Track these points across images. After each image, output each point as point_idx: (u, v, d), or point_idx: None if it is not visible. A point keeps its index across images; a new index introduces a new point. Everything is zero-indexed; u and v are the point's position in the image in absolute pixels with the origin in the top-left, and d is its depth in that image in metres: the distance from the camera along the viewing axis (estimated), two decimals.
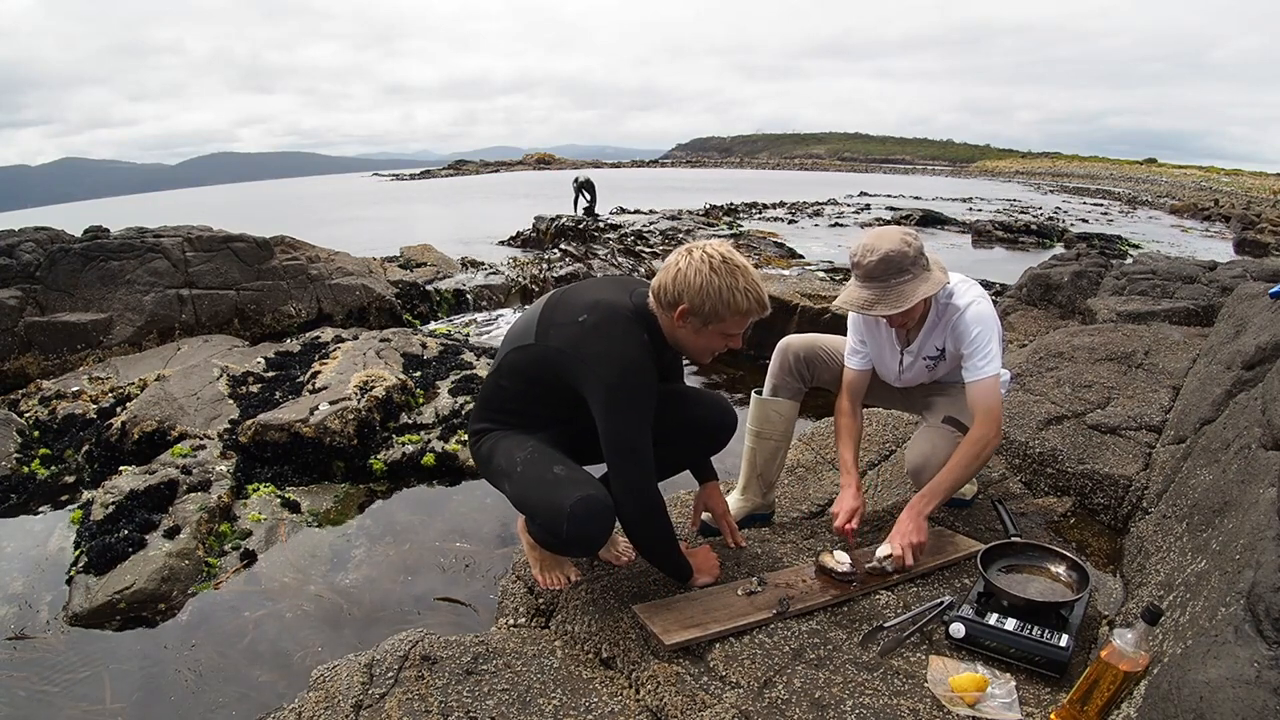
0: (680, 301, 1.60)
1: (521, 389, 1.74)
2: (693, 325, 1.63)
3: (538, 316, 1.70)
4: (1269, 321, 2.28)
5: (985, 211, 18.30)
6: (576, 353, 1.60)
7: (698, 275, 1.57)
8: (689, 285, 1.58)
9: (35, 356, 5.17)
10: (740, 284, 1.59)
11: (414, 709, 1.43)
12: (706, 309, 1.59)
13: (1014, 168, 62.49)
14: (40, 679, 2.12)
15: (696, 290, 1.58)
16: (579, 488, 1.58)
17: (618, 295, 1.69)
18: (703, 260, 1.59)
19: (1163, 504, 1.95)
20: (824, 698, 1.44)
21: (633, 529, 1.71)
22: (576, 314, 1.63)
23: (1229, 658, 1.02)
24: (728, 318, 1.61)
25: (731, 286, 1.58)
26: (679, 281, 1.59)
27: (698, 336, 1.65)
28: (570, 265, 8.63)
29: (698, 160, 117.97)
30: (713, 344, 1.67)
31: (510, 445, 1.74)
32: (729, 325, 1.63)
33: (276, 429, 3.51)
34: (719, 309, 1.59)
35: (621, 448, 1.60)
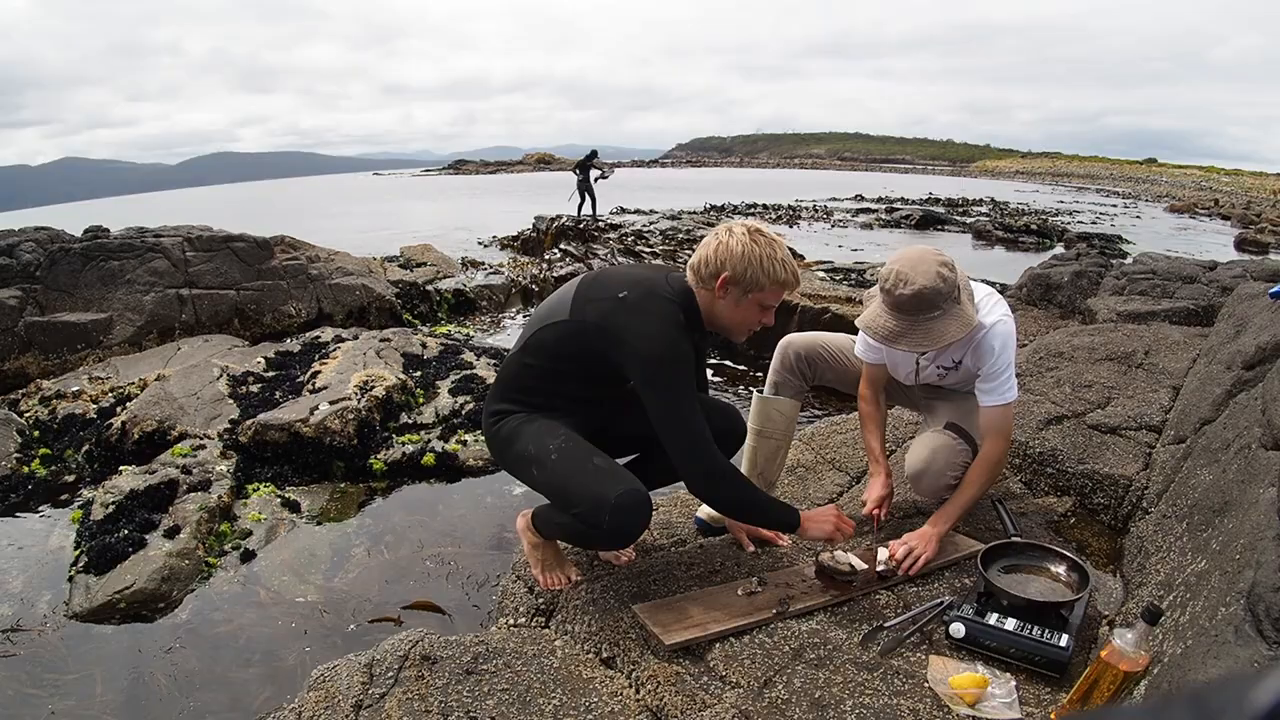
0: (722, 270, 1.64)
1: (549, 367, 1.73)
2: (733, 296, 1.67)
3: (572, 294, 1.71)
4: (1269, 321, 2.28)
5: (1006, 210, 18.32)
6: (616, 328, 1.62)
7: (739, 245, 1.64)
8: (731, 254, 1.64)
9: (35, 356, 5.17)
10: (778, 255, 1.66)
11: (414, 709, 1.43)
12: (748, 277, 1.64)
13: (1014, 167, 62.52)
14: (38, 678, 2.12)
15: (739, 258, 1.63)
16: (621, 480, 1.62)
17: (655, 276, 1.74)
18: (743, 233, 1.66)
19: (1163, 504, 1.95)
20: (824, 698, 1.44)
21: (713, 498, 1.75)
22: (615, 290, 1.66)
23: (1229, 658, 1.02)
24: (767, 287, 1.66)
25: (771, 256, 1.64)
26: (721, 252, 1.65)
27: (737, 309, 1.69)
28: (570, 265, 8.63)
29: (698, 160, 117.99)
30: (750, 317, 1.71)
31: (538, 431, 1.72)
32: (767, 295, 1.68)
33: (276, 429, 3.51)
34: (759, 277, 1.64)
35: (675, 421, 1.61)
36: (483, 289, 7.67)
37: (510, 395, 1.80)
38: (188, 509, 2.93)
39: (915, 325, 1.77)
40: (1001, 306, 1.91)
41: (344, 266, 7.07)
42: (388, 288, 6.99)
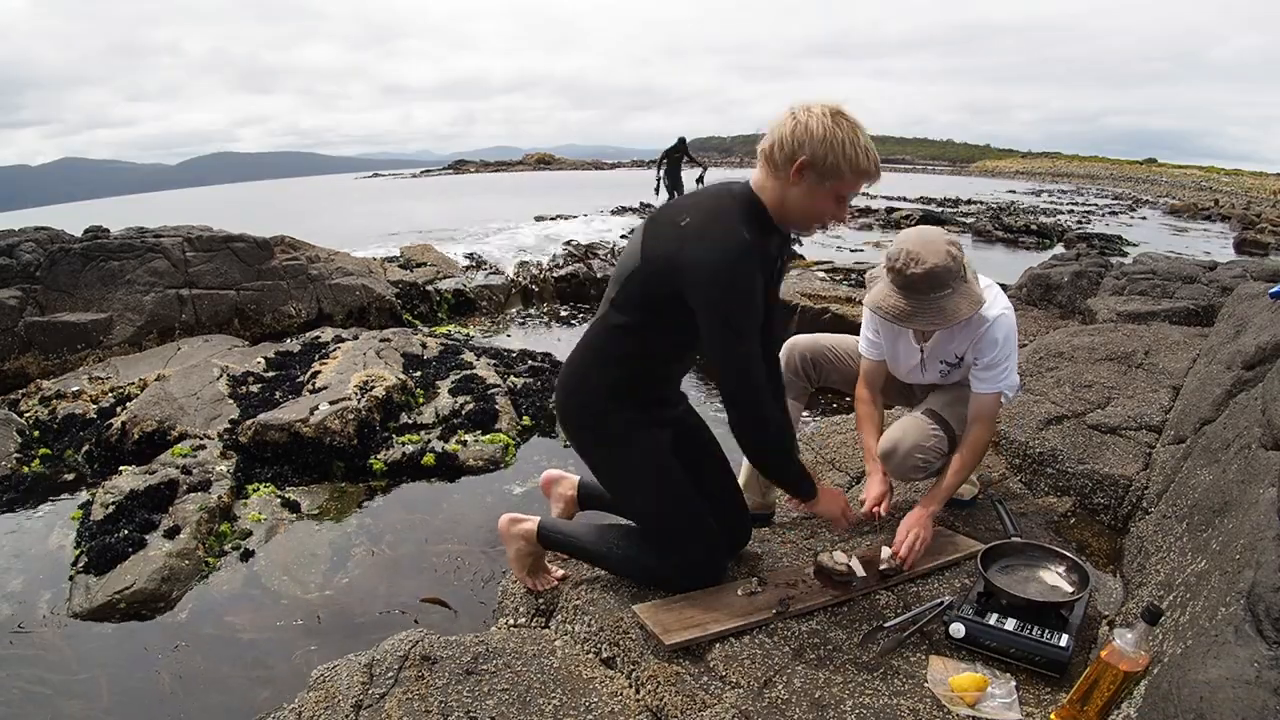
0: (799, 153, 1.49)
1: (640, 320, 1.63)
2: (809, 182, 1.52)
3: (641, 237, 1.60)
4: (1269, 321, 2.28)
5: (1018, 208, 18.33)
6: (678, 259, 1.51)
7: (820, 125, 1.48)
8: (811, 135, 1.48)
9: (35, 356, 5.17)
10: (861, 140, 1.50)
11: (414, 709, 1.43)
12: (828, 161, 1.49)
13: (1014, 167, 62.54)
14: (38, 678, 2.12)
15: (820, 139, 1.48)
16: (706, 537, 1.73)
17: (718, 190, 1.61)
18: (824, 113, 1.50)
19: (1163, 504, 1.95)
20: (824, 698, 1.44)
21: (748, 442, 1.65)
22: (677, 218, 1.55)
23: (1229, 658, 1.02)
24: (846, 175, 1.51)
25: (854, 141, 1.49)
26: (799, 132, 1.49)
27: (812, 197, 1.54)
28: (570, 265, 8.63)
29: (698, 160, 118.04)
30: (825, 208, 1.57)
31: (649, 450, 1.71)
32: (845, 185, 1.53)
33: (276, 429, 3.51)
34: (839, 163, 1.49)
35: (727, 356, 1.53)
36: (483, 289, 7.66)
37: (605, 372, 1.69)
38: (188, 509, 2.93)
39: (926, 304, 1.75)
40: (1002, 298, 1.92)
41: (344, 267, 7.07)
42: (388, 288, 6.98)
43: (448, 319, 7.16)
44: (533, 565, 1.91)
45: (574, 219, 14.96)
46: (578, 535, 1.85)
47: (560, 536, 1.86)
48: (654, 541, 1.73)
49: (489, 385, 4.32)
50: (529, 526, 1.86)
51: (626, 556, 1.78)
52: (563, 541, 1.86)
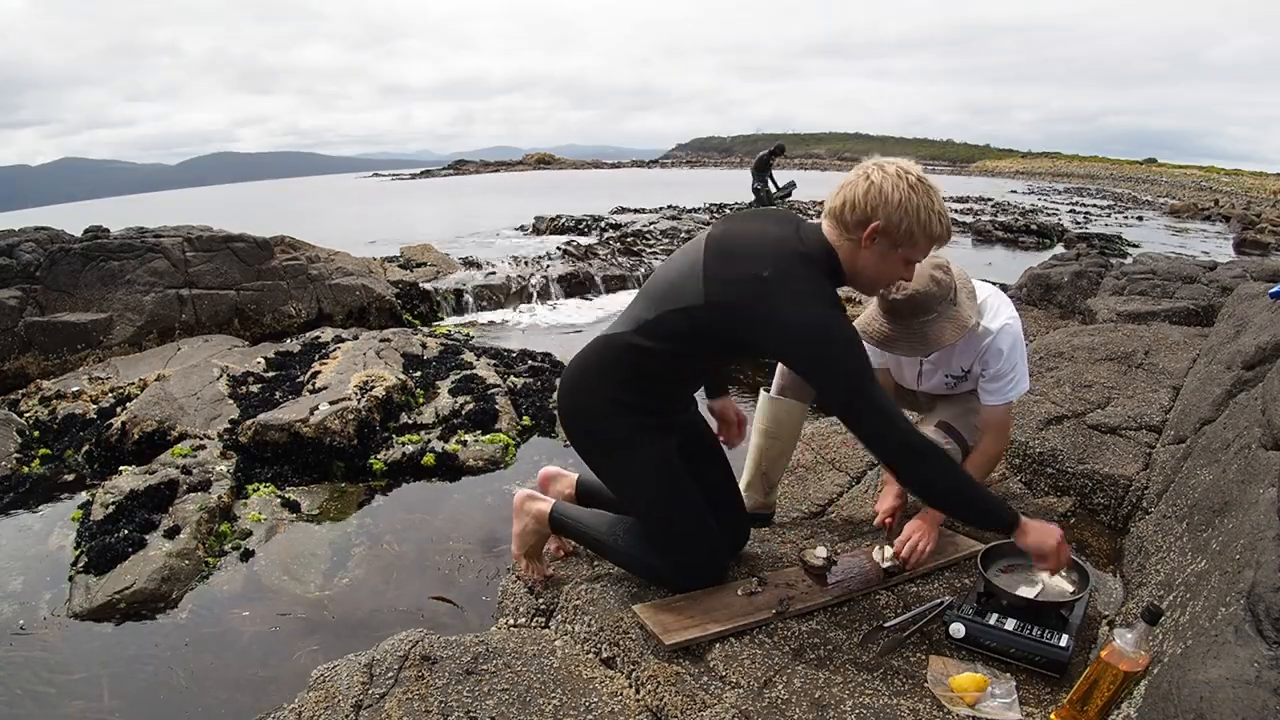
0: (873, 219, 1.44)
1: (672, 351, 1.58)
2: (880, 248, 1.47)
3: (702, 270, 1.51)
4: (1269, 321, 2.28)
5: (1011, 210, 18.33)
6: (768, 316, 1.44)
7: (895, 191, 1.43)
8: (886, 201, 1.43)
9: (35, 356, 5.17)
10: (936, 206, 1.46)
11: (414, 709, 1.43)
12: (902, 229, 1.44)
13: (1014, 167, 62.54)
14: (39, 678, 2.12)
15: (895, 207, 1.43)
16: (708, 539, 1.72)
17: (789, 236, 1.52)
18: (899, 176, 1.44)
19: (1163, 504, 1.95)
20: (824, 698, 1.44)
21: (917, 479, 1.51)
22: (755, 267, 1.46)
23: (1229, 658, 1.02)
24: (920, 241, 1.47)
25: (929, 208, 1.45)
26: (872, 196, 1.44)
27: (882, 262, 1.50)
28: (570, 265, 8.63)
29: (698, 160, 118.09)
30: (894, 272, 1.53)
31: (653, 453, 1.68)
32: (917, 251, 1.49)
33: (276, 429, 3.51)
34: (913, 230, 1.44)
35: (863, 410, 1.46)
36: (483, 289, 7.67)
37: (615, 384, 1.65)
38: (188, 509, 2.93)
39: (909, 330, 1.75)
40: (1008, 307, 1.90)
41: (344, 266, 7.08)
42: (388, 288, 6.99)
43: (448, 318, 7.16)
44: (531, 548, 1.90)
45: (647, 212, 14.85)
46: (587, 523, 1.85)
47: (570, 522, 1.86)
48: (656, 542, 1.74)
49: (489, 385, 4.32)
50: (542, 507, 1.86)
51: (630, 552, 1.78)
52: (571, 527, 1.86)
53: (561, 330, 7.00)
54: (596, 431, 1.73)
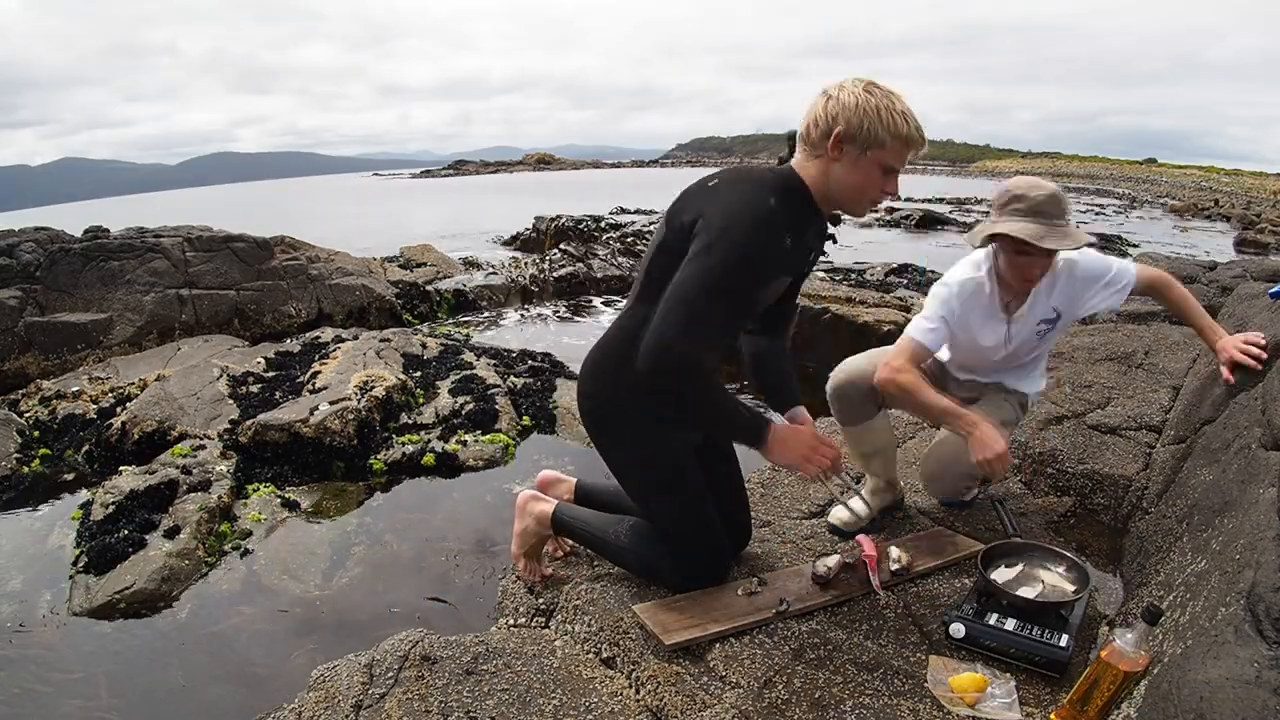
0: (834, 126, 1.45)
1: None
2: (850, 156, 1.47)
3: (666, 212, 1.59)
4: (1269, 321, 2.27)
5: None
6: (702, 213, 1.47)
7: (852, 97, 1.44)
8: (844, 106, 1.44)
9: (35, 356, 5.17)
10: (898, 106, 1.45)
11: (414, 709, 1.43)
12: (865, 129, 1.44)
13: (1014, 168, 62.60)
14: (38, 677, 2.12)
15: (853, 109, 1.43)
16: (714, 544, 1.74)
17: (758, 166, 1.61)
18: (855, 83, 1.47)
19: (1163, 504, 1.95)
20: (824, 698, 1.44)
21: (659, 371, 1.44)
22: (702, 182, 1.56)
23: (1229, 658, 1.02)
24: (888, 143, 1.45)
25: (889, 107, 1.44)
26: (831, 106, 1.46)
27: (855, 171, 1.48)
28: (570, 265, 8.63)
29: (698, 160, 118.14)
30: (871, 181, 1.50)
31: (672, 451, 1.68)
32: (889, 154, 1.47)
33: (276, 429, 3.51)
34: (878, 131, 1.44)
35: (684, 297, 1.41)
36: (483, 289, 7.67)
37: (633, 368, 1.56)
38: (188, 509, 2.93)
39: (1054, 227, 1.75)
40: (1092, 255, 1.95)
41: (344, 267, 7.08)
42: (388, 288, 6.99)
43: (448, 319, 7.16)
44: (531, 548, 1.91)
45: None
46: (589, 523, 1.85)
47: (572, 522, 1.86)
48: (662, 540, 1.73)
49: (489, 385, 4.32)
50: (545, 509, 1.87)
51: (632, 550, 1.78)
52: (573, 528, 1.86)
53: (561, 330, 7.00)
54: (618, 426, 1.71)
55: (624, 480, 1.80)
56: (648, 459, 1.71)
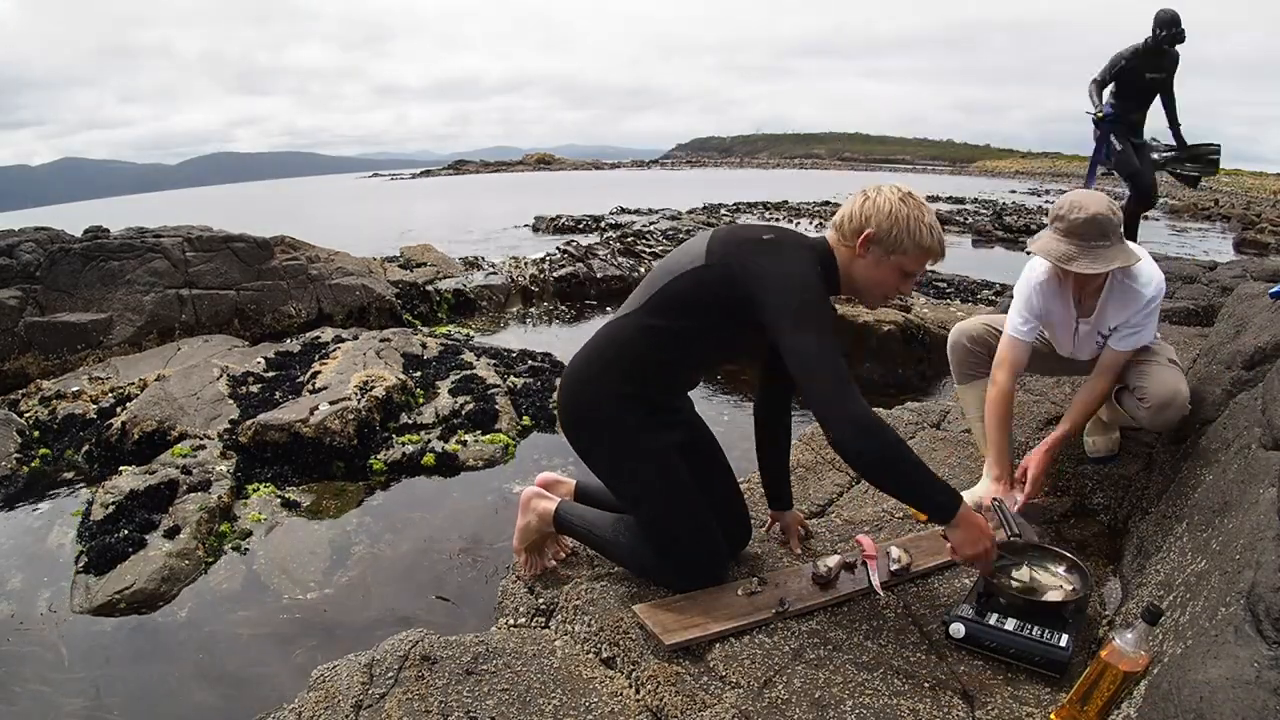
0: (866, 227, 1.58)
1: (678, 326, 1.64)
2: (874, 255, 1.60)
3: (706, 243, 1.64)
4: (1269, 321, 2.27)
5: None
6: (760, 267, 1.54)
7: (887, 203, 1.58)
8: (878, 210, 1.57)
9: (35, 356, 5.17)
10: (926, 219, 1.59)
11: (414, 709, 1.43)
12: (893, 235, 1.57)
13: (1014, 167, 62.60)
14: (39, 676, 2.12)
15: (885, 215, 1.57)
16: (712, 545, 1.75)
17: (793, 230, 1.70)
18: (891, 191, 1.60)
19: (1163, 504, 1.95)
20: (824, 698, 1.44)
21: (861, 454, 1.47)
22: (757, 233, 1.62)
23: (1229, 658, 1.02)
24: (910, 251, 1.59)
25: (919, 219, 1.58)
26: (867, 208, 1.59)
27: (877, 269, 1.61)
28: (570, 265, 8.63)
29: (698, 160, 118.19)
30: (889, 280, 1.63)
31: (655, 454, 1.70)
32: (909, 261, 1.60)
33: (276, 429, 3.51)
34: (903, 239, 1.57)
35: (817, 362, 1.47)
36: (483, 289, 7.67)
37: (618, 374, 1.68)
38: (188, 509, 2.93)
39: (1086, 250, 1.84)
40: (1153, 267, 1.99)
41: (344, 267, 7.08)
42: (388, 288, 6.99)
43: (448, 319, 7.16)
44: (533, 544, 1.91)
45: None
46: (591, 522, 1.85)
47: (575, 521, 1.86)
48: (654, 541, 1.74)
49: (489, 385, 4.32)
50: (548, 506, 1.87)
51: (632, 550, 1.78)
52: (575, 526, 1.86)
53: (561, 330, 7.00)
54: (599, 431, 1.73)
55: (613, 487, 1.82)
56: (633, 465, 1.71)
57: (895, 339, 5.03)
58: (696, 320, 1.63)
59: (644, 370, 1.69)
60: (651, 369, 1.70)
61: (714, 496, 1.83)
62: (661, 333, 1.65)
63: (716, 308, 1.60)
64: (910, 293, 1.71)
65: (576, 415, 1.76)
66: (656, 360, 1.69)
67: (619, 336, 1.70)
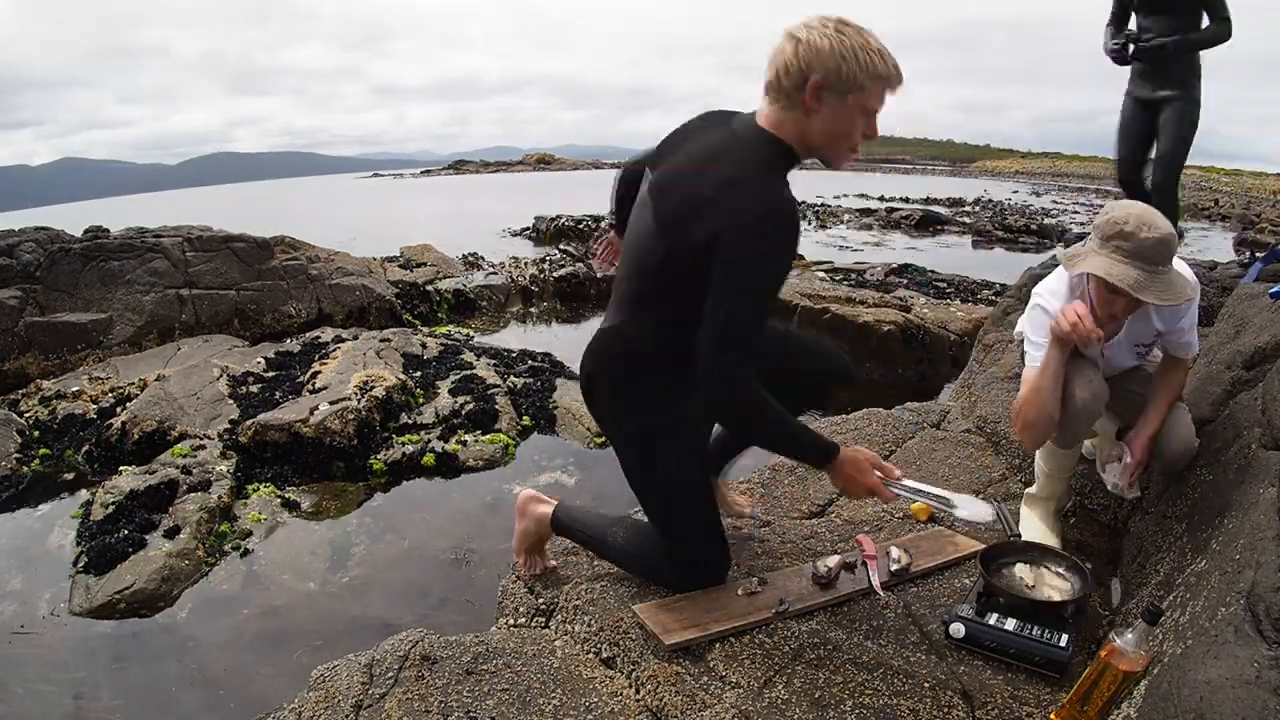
0: (810, 74, 1.35)
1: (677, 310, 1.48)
2: (830, 103, 1.38)
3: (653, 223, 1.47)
4: (1269, 321, 2.27)
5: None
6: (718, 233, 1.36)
7: (824, 39, 1.35)
8: (819, 52, 1.34)
9: (35, 356, 5.17)
10: (873, 44, 1.37)
11: (414, 709, 1.43)
12: (844, 73, 1.35)
13: (1014, 167, 62.59)
14: (39, 677, 2.12)
15: (829, 53, 1.34)
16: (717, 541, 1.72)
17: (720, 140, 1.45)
18: (823, 24, 1.36)
19: (1163, 504, 1.95)
20: (824, 698, 1.44)
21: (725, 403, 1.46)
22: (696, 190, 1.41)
23: (1229, 658, 1.02)
24: (867, 85, 1.37)
25: (864, 46, 1.36)
26: (804, 52, 1.35)
27: (835, 119, 1.40)
28: (570, 265, 8.63)
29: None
30: (853, 125, 1.42)
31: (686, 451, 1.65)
32: (869, 96, 1.39)
33: (276, 429, 3.51)
34: (856, 73, 1.35)
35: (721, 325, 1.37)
36: (483, 289, 7.67)
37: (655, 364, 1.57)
38: (188, 509, 2.93)
39: (1156, 276, 1.59)
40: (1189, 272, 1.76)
41: (344, 267, 7.08)
42: (388, 288, 6.99)
43: (448, 319, 7.16)
44: (531, 546, 1.91)
45: None
46: (587, 524, 1.85)
47: (571, 523, 1.86)
48: (664, 539, 1.72)
49: (489, 385, 4.32)
50: (544, 510, 1.86)
51: (631, 551, 1.78)
52: (572, 529, 1.86)
53: (561, 330, 7.00)
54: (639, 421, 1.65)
55: (635, 479, 1.75)
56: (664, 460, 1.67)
57: (895, 339, 5.02)
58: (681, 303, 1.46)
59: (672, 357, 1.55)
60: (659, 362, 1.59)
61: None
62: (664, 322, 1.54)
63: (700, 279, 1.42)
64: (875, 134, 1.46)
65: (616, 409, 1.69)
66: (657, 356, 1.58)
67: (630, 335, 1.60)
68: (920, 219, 15.33)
